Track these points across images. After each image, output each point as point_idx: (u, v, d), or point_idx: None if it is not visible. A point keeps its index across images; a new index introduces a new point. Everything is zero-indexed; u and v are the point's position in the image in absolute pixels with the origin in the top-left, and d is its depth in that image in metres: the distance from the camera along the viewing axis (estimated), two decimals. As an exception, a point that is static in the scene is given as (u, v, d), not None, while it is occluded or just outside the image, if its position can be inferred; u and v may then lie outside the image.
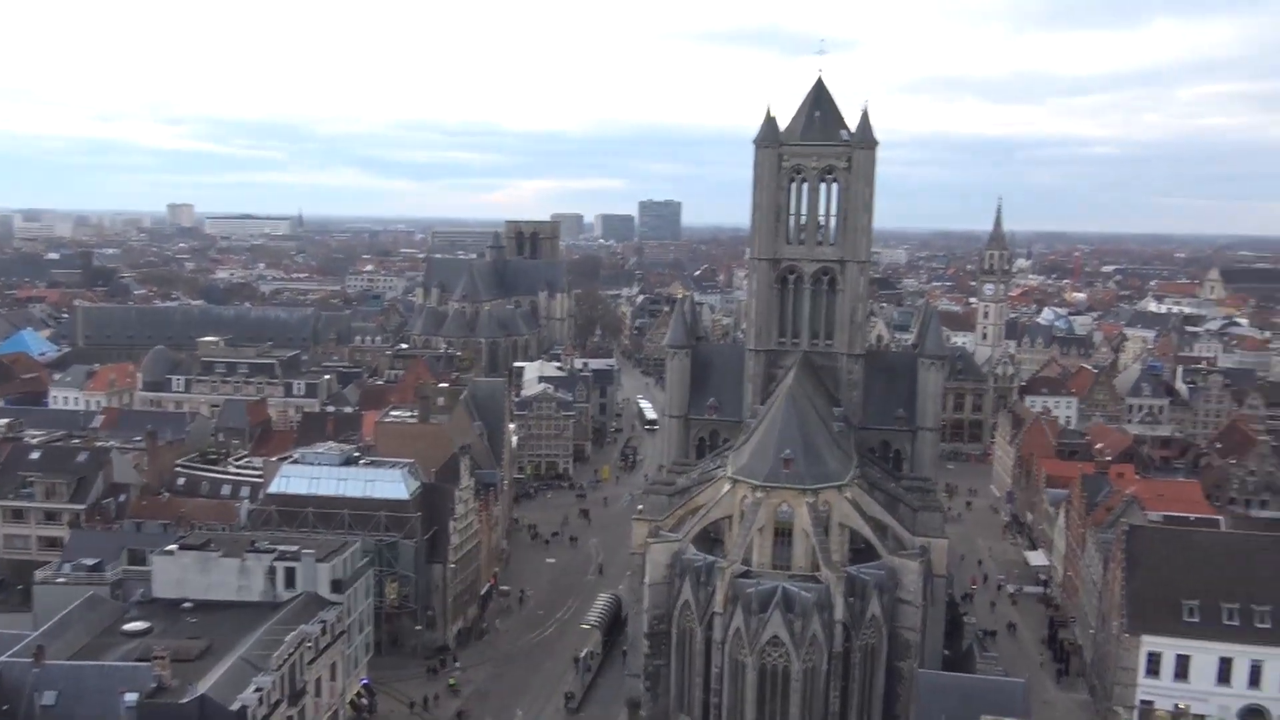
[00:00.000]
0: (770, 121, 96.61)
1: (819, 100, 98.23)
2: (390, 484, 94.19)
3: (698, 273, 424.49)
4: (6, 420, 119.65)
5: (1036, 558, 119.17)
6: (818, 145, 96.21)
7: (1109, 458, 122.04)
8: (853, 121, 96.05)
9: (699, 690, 76.35)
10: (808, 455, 76.87)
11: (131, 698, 57.71)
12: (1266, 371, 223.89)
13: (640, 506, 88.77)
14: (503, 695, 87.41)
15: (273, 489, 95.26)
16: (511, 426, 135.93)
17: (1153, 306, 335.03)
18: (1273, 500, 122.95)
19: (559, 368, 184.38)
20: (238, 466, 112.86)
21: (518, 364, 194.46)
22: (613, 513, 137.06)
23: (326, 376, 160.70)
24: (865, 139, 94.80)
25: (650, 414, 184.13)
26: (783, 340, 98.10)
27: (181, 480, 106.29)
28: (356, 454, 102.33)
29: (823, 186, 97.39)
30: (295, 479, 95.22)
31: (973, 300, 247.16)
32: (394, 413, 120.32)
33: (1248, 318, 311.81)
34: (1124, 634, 79.58)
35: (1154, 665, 79.22)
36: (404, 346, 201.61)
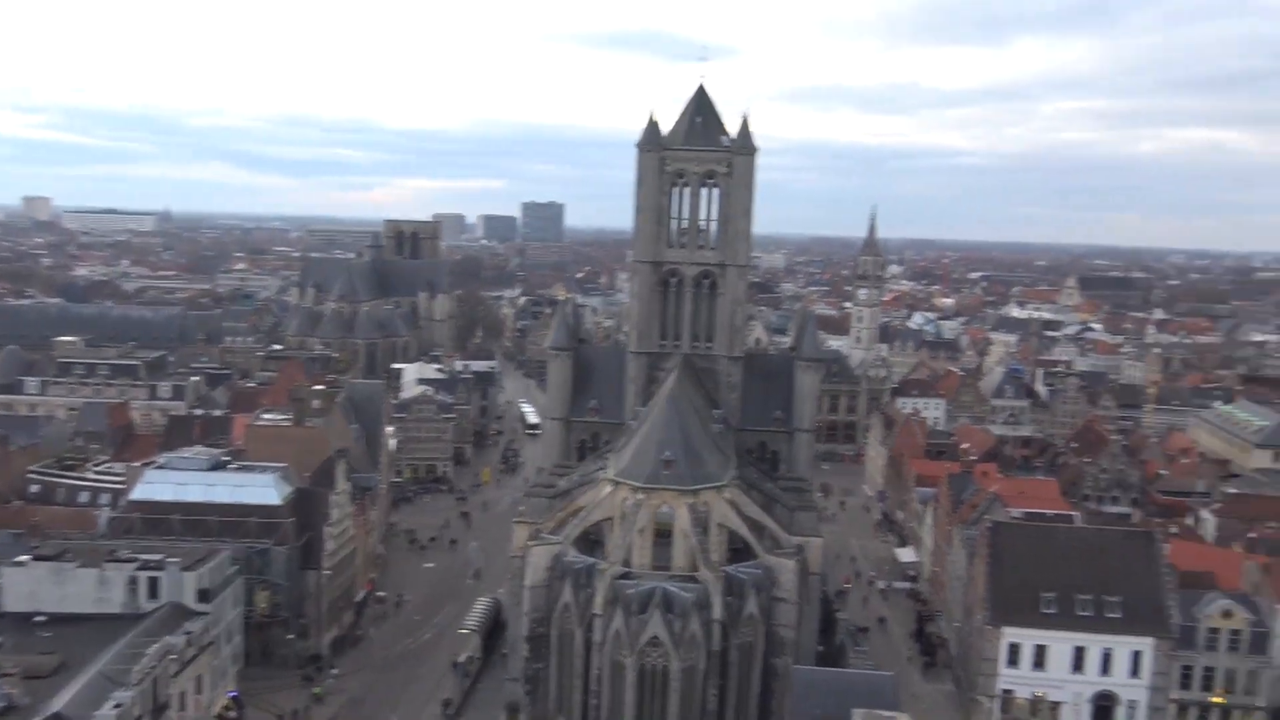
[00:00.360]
0: (653, 126, 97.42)
1: (701, 106, 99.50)
2: (261, 489, 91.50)
3: (580, 275, 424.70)
4: None
5: (906, 554, 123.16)
6: (699, 150, 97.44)
7: (974, 457, 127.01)
8: (733, 128, 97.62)
9: (578, 693, 76.42)
10: (688, 457, 77.78)
11: (-22, 718, 54.67)
12: (1118, 374, 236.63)
13: (521, 509, 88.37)
14: (378, 703, 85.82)
15: (135, 496, 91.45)
16: (390, 429, 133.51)
17: (1015, 312, 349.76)
18: (1123, 496, 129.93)
19: (439, 370, 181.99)
20: (97, 472, 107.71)
21: (397, 366, 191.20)
22: (493, 516, 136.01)
23: (194, 378, 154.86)
24: (745, 145, 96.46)
25: (533, 418, 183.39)
26: (664, 343, 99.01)
27: (35, 487, 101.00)
28: (225, 459, 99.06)
29: (704, 191, 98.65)
30: (160, 485, 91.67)
31: (848, 305, 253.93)
32: (266, 416, 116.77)
33: (1102, 323, 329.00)
34: (986, 626, 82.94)
35: (1014, 655, 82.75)
36: (277, 348, 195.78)
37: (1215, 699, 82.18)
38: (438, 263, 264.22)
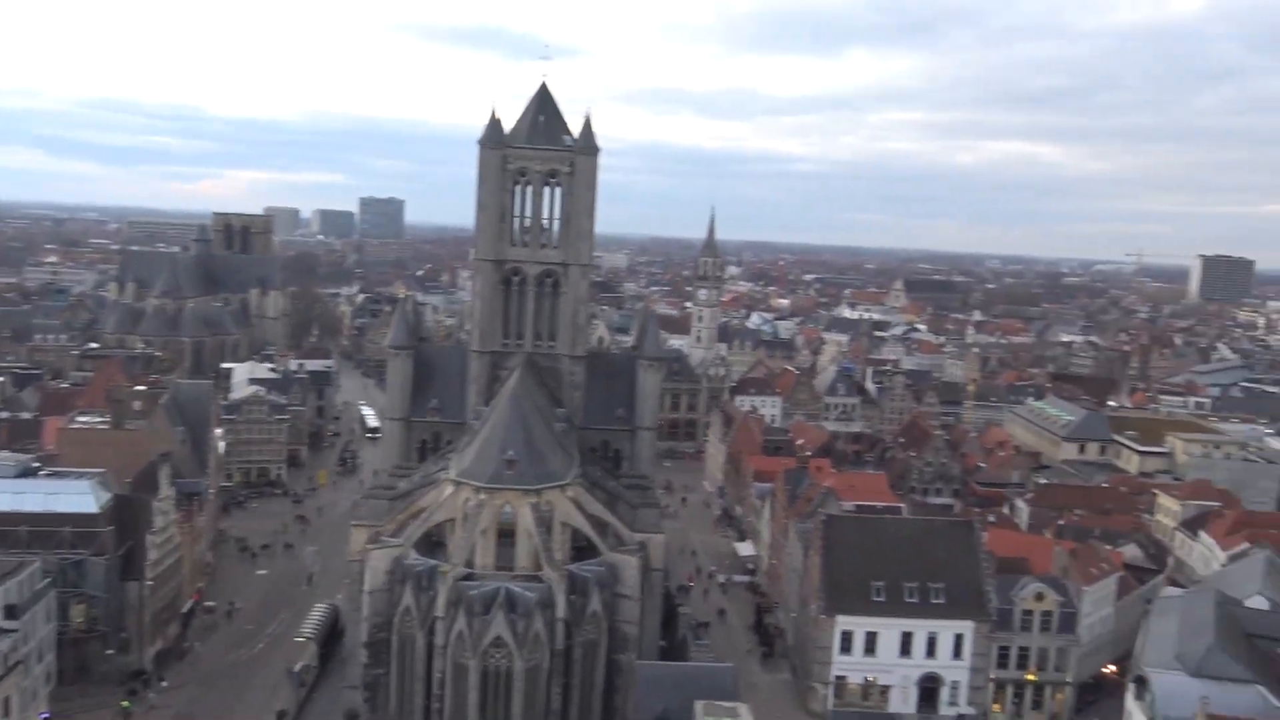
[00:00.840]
0: (495, 123, 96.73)
1: (543, 105, 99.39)
2: (76, 496, 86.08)
3: (421, 272, 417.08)
4: None
5: (745, 548, 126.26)
6: (542, 149, 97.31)
7: (809, 453, 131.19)
8: (576, 127, 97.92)
9: (420, 697, 75.17)
10: (531, 456, 77.57)
11: None
12: (941, 372, 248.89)
13: (360, 511, 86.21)
14: (207, 717, 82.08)
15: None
16: (219, 432, 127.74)
17: (847, 313, 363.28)
18: (945, 488, 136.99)
19: (272, 369, 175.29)
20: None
21: (226, 365, 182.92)
22: (331, 520, 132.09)
23: (0, 379, 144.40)
24: (588, 145, 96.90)
25: (373, 421, 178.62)
26: (506, 342, 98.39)
27: None
28: (36, 464, 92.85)
29: (546, 190, 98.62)
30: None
31: (688, 305, 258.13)
32: (81, 418, 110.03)
33: (926, 324, 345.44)
34: (821, 616, 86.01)
35: (847, 643, 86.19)
36: (94, 346, 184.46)
37: (1029, 677, 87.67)
38: (270, 258, 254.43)
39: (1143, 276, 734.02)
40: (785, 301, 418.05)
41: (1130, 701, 64.26)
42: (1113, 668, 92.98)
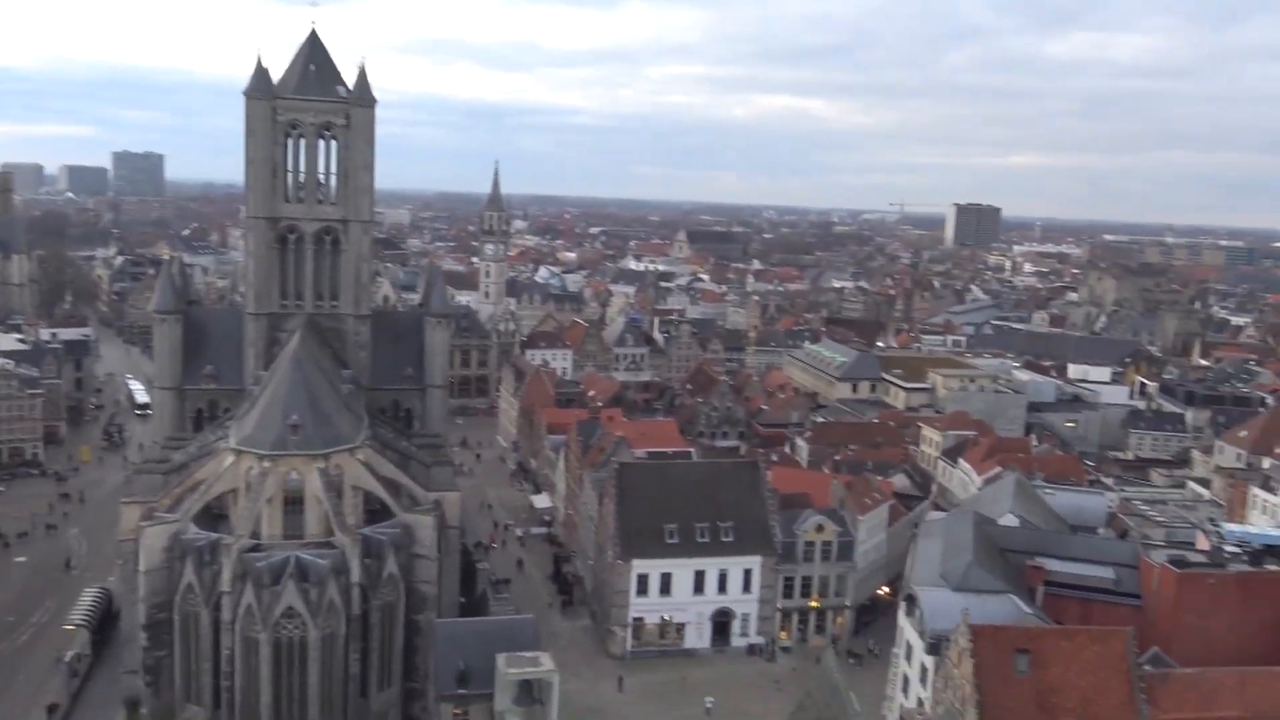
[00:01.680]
0: (262, 72, 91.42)
1: (314, 53, 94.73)
2: None
3: (187, 232, 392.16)
4: None
5: (541, 501, 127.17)
6: (314, 100, 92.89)
7: (600, 403, 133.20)
8: (351, 78, 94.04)
9: (208, 676, 72.01)
10: (316, 419, 74.98)
11: None
12: (724, 320, 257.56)
13: (130, 488, 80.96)
14: (-34, 720, 75.66)
15: None
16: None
17: (633, 265, 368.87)
18: (731, 431, 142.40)
19: (20, 340, 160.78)
20: None
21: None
22: (98, 499, 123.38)
23: None
24: (363, 96, 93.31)
25: (142, 396, 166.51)
26: (285, 303, 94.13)
27: None
28: None
29: (321, 143, 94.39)
30: None
31: (475, 260, 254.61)
32: None
33: (709, 274, 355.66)
34: (617, 561, 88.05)
35: (643, 585, 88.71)
36: None
37: (812, 604, 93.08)
38: (12, 218, 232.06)
39: (905, 224, 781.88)
40: (572, 255, 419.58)
41: (902, 618, 69.40)
42: (886, 589, 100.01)
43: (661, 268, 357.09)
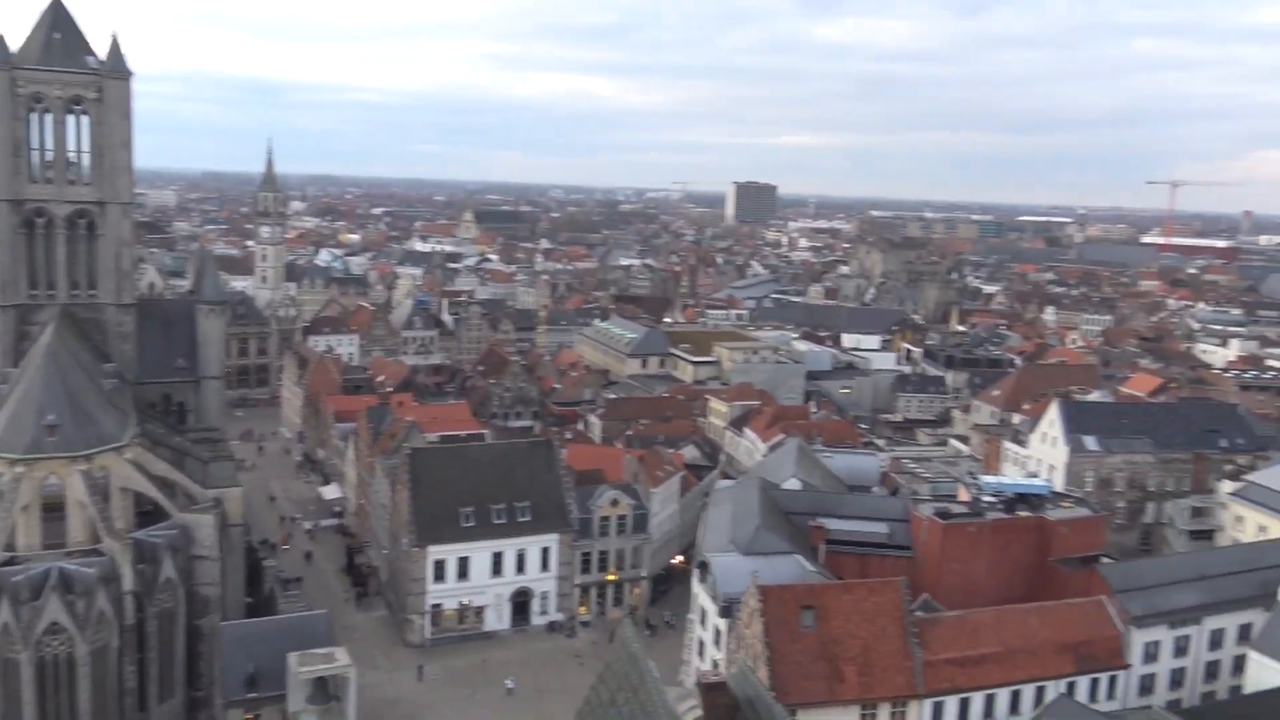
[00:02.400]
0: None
1: (58, 20, 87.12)
2: None
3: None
4: None
5: (331, 491, 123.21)
6: (60, 72, 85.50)
7: (390, 389, 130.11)
8: (103, 49, 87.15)
9: (-39, 703, 65.86)
10: (76, 418, 69.58)
11: None
12: (514, 300, 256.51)
13: None
14: None
15: None
16: None
17: (419, 246, 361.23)
18: (525, 411, 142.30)
19: None
20: None
21: None
22: None
23: None
24: (118, 68, 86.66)
25: None
26: (35, 293, 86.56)
27: None
28: None
29: (71, 119, 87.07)
30: None
31: (250, 243, 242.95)
32: None
33: (497, 254, 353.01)
34: (413, 548, 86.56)
35: (440, 571, 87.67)
36: None
37: (610, 577, 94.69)
38: None
39: (688, 202, 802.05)
40: (355, 236, 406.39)
41: (696, 585, 71.73)
42: (680, 558, 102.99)
43: (449, 248, 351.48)
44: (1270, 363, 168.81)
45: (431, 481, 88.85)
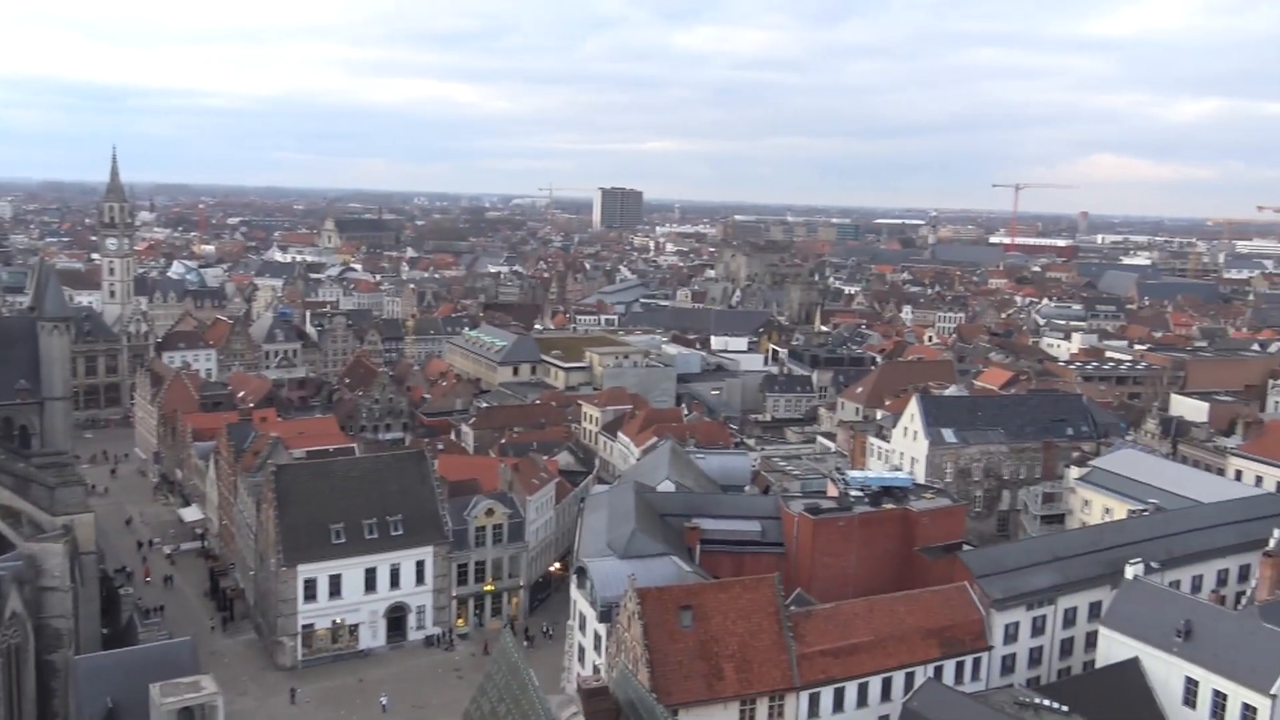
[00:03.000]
0: None
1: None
2: None
3: None
4: None
5: (191, 513, 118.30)
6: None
7: (252, 404, 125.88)
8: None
9: None
10: (-93, 447, 65.04)
11: None
12: (380, 310, 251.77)
13: None
14: None
15: None
16: None
17: (279, 256, 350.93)
18: (395, 422, 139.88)
19: None
20: None
21: None
22: None
23: None
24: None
25: None
26: None
27: None
28: None
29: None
30: None
31: (95, 256, 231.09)
32: None
33: (361, 263, 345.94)
34: (281, 568, 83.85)
35: (311, 590, 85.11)
36: None
37: (487, 587, 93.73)
38: None
39: (555, 209, 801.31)
40: (210, 247, 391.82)
41: (574, 591, 71.62)
42: (558, 565, 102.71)
43: (310, 258, 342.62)
44: (1109, 355, 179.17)
45: (299, 498, 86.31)
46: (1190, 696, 59.19)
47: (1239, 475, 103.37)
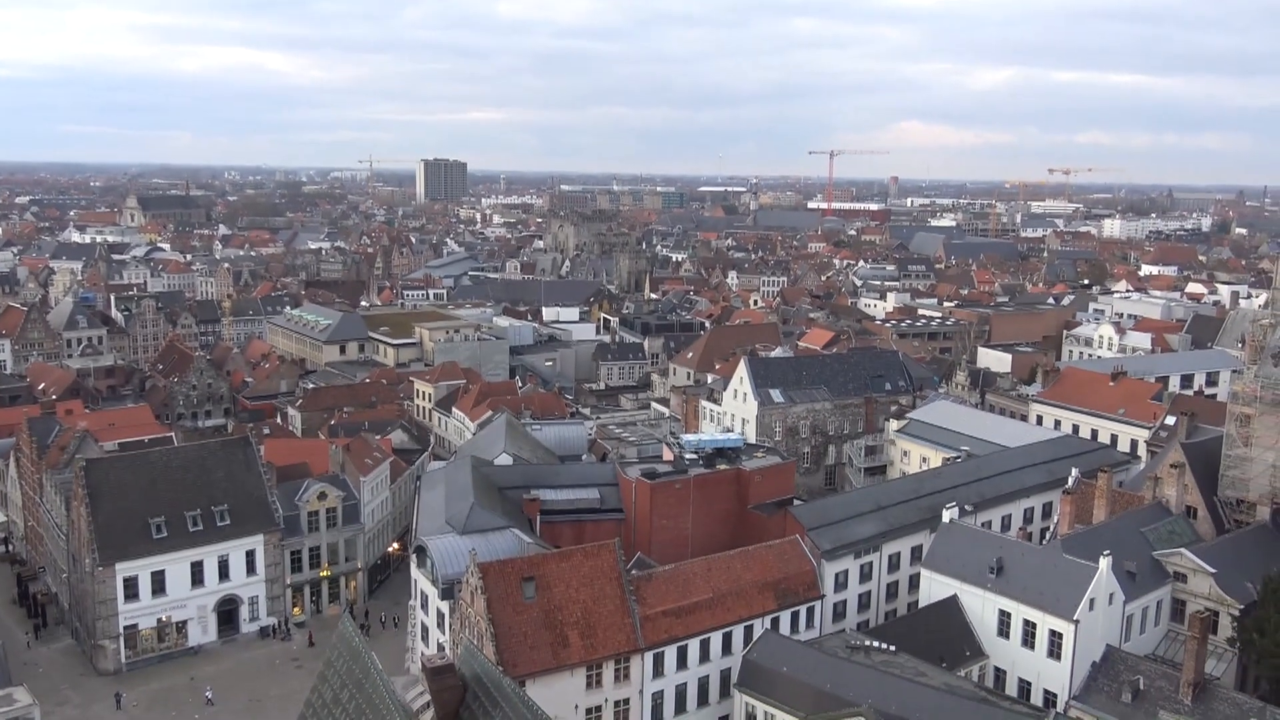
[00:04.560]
0: None
1: None
2: None
3: None
4: None
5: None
6: None
7: (54, 396, 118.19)
8: None
9: None
10: None
11: None
12: (193, 291, 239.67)
13: None
14: None
15: None
16: None
17: (76, 237, 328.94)
18: (215, 409, 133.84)
19: None
20: None
21: None
22: None
23: None
24: None
25: None
26: None
27: None
28: None
29: None
30: None
31: None
32: None
33: (169, 242, 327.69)
34: (98, 568, 79.28)
35: (132, 589, 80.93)
36: None
37: (323, 573, 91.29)
38: None
39: (376, 181, 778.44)
40: None
41: (415, 570, 70.68)
42: (396, 545, 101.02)
43: (112, 239, 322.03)
44: (921, 312, 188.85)
45: (113, 493, 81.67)
46: (1004, 627, 63.74)
47: (1040, 420, 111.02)
